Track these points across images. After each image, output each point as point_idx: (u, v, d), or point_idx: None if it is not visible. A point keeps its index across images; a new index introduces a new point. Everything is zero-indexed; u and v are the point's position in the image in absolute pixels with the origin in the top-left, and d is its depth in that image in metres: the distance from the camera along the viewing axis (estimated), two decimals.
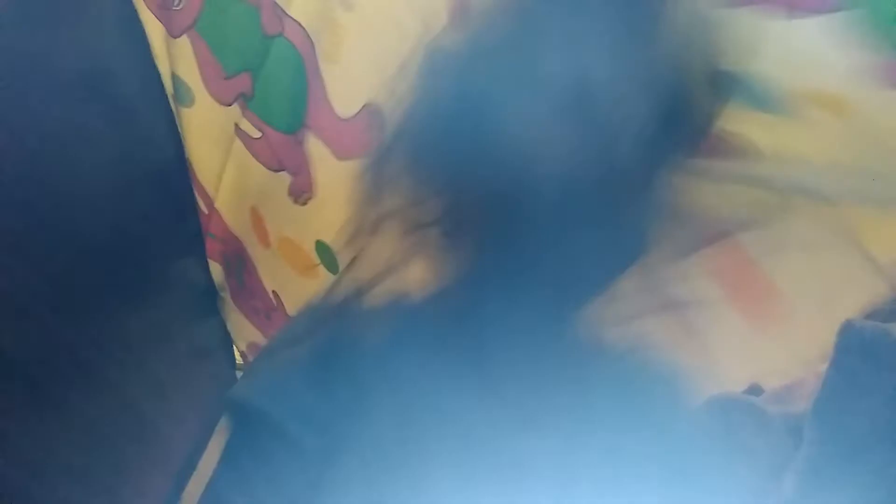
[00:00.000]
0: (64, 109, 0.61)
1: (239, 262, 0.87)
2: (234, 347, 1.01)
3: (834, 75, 0.53)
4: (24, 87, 0.55)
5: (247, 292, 0.90)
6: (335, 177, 0.70)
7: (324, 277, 0.75)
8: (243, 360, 1.01)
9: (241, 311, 0.93)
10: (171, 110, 0.79)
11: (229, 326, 0.98)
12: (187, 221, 0.87)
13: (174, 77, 0.75)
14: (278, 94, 0.70)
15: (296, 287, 0.80)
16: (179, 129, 0.80)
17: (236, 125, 0.75)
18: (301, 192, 0.74)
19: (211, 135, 0.77)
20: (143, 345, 0.75)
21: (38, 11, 0.57)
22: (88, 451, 0.65)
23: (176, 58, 0.73)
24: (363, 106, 0.64)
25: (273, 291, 0.84)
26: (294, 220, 0.75)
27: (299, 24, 0.65)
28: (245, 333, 0.96)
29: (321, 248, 0.75)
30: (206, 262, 0.92)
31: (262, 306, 0.89)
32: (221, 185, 0.81)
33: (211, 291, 0.94)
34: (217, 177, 0.81)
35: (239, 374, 1.02)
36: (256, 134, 0.74)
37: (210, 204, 0.84)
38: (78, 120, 0.63)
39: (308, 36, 0.66)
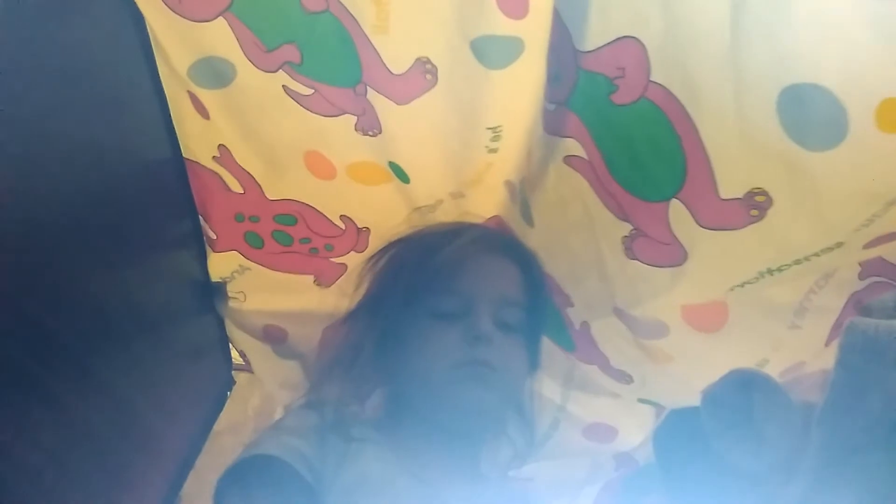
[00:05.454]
0: (58, 105, 0.60)
1: (287, 220, 0.89)
2: (231, 346, 1.00)
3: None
4: (15, 82, 0.54)
5: (297, 243, 0.91)
6: (399, 118, 0.76)
7: (396, 185, 0.85)
8: (243, 358, 1.00)
9: (285, 270, 0.94)
10: (167, 108, 0.79)
11: (227, 325, 0.97)
12: (184, 219, 0.87)
13: (205, 60, 0.75)
14: (329, 59, 0.74)
15: (368, 204, 0.88)
16: (202, 120, 0.80)
17: (285, 86, 0.76)
18: (370, 128, 0.79)
19: (257, 101, 0.79)
20: (138, 343, 0.75)
21: (32, 6, 0.56)
22: (83, 450, 0.65)
23: (209, 40, 0.73)
24: (415, 59, 0.72)
25: (341, 216, 0.89)
26: (362, 147, 0.81)
27: (340, 3, 0.70)
28: (254, 320, 0.96)
29: (393, 166, 0.82)
30: (205, 259, 0.91)
31: (320, 244, 0.92)
32: (273, 149, 0.83)
33: (208, 290, 0.94)
34: (265, 144, 0.82)
35: (235, 373, 1.02)
36: (308, 91, 0.77)
37: (248, 179, 0.85)
38: (72, 117, 0.63)
39: (350, 13, 0.70)
